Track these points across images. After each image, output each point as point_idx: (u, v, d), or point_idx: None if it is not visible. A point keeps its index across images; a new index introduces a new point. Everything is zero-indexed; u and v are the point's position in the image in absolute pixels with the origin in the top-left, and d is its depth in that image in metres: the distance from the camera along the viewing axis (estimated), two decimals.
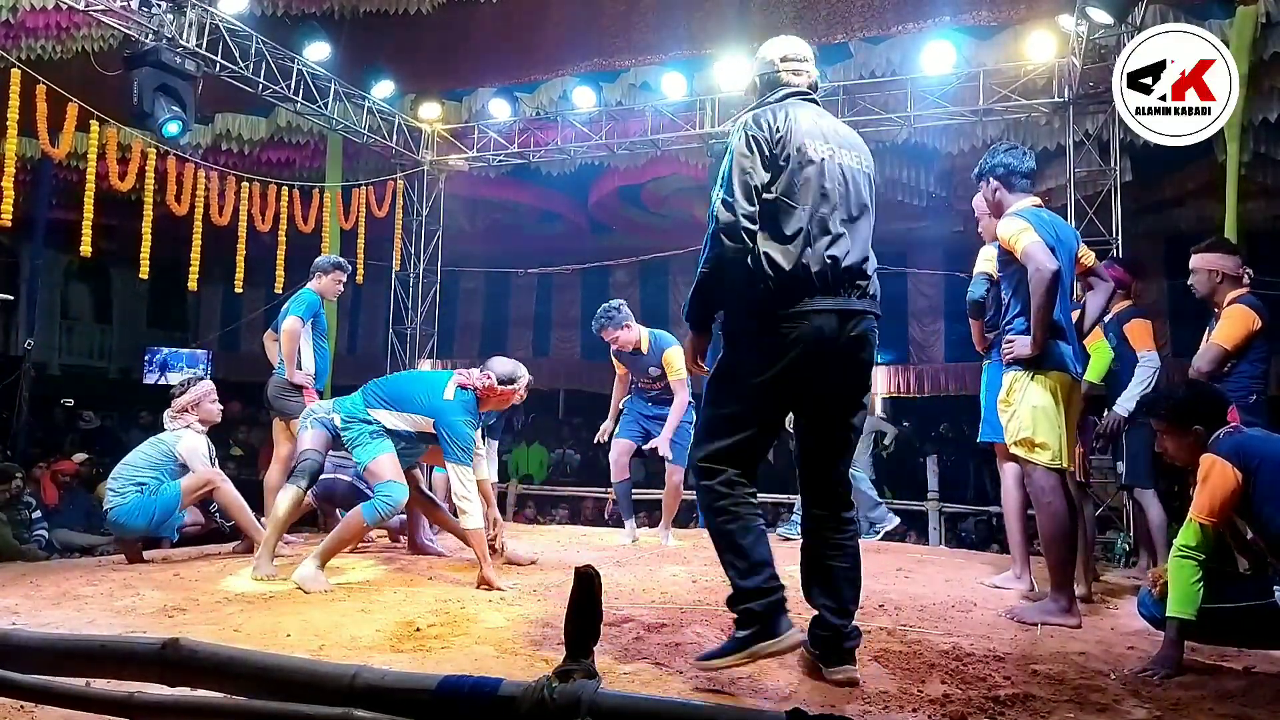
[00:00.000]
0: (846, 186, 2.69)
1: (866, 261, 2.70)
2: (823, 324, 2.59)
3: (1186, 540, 2.84)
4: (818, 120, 2.75)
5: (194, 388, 5.11)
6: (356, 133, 8.55)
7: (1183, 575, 2.81)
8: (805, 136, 2.66)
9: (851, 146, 2.78)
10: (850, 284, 2.63)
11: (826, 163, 2.66)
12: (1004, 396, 3.65)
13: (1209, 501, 2.84)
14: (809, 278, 2.58)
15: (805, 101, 2.82)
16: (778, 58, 2.89)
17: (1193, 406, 3.04)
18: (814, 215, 2.62)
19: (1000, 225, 3.61)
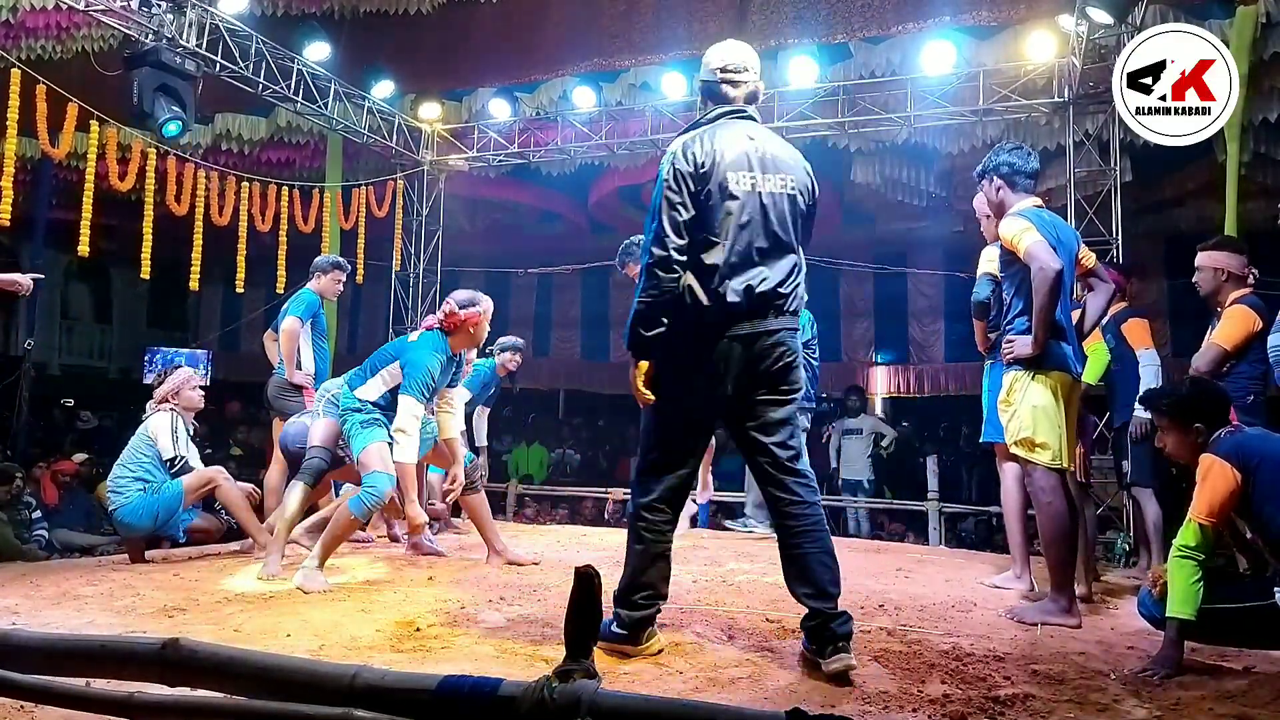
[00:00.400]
0: (766, 215, 2.81)
1: (784, 283, 2.84)
2: (742, 346, 2.78)
3: (1186, 540, 2.84)
4: (746, 145, 2.84)
5: (171, 377, 5.12)
6: (356, 133, 8.55)
7: (1182, 575, 2.80)
8: (729, 170, 2.77)
9: (779, 169, 2.88)
10: (767, 307, 2.79)
11: (747, 197, 2.79)
12: (1004, 396, 3.65)
13: (1208, 502, 2.83)
14: (729, 308, 2.75)
15: (739, 119, 2.91)
16: (717, 67, 2.96)
17: (1196, 404, 3.02)
18: (733, 248, 2.76)
19: (1002, 225, 3.60)
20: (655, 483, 2.88)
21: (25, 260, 12.93)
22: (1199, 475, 2.88)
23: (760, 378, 2.82)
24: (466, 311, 4.23)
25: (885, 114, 7.98)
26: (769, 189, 2.83)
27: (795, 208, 2.89)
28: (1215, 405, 3.02)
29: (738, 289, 2.75)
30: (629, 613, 2.85)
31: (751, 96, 2.98)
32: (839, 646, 2.67)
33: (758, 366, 2.80)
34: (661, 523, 2.90)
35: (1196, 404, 3.03)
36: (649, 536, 2.88)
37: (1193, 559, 2.81)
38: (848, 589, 4.09)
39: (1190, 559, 2.81)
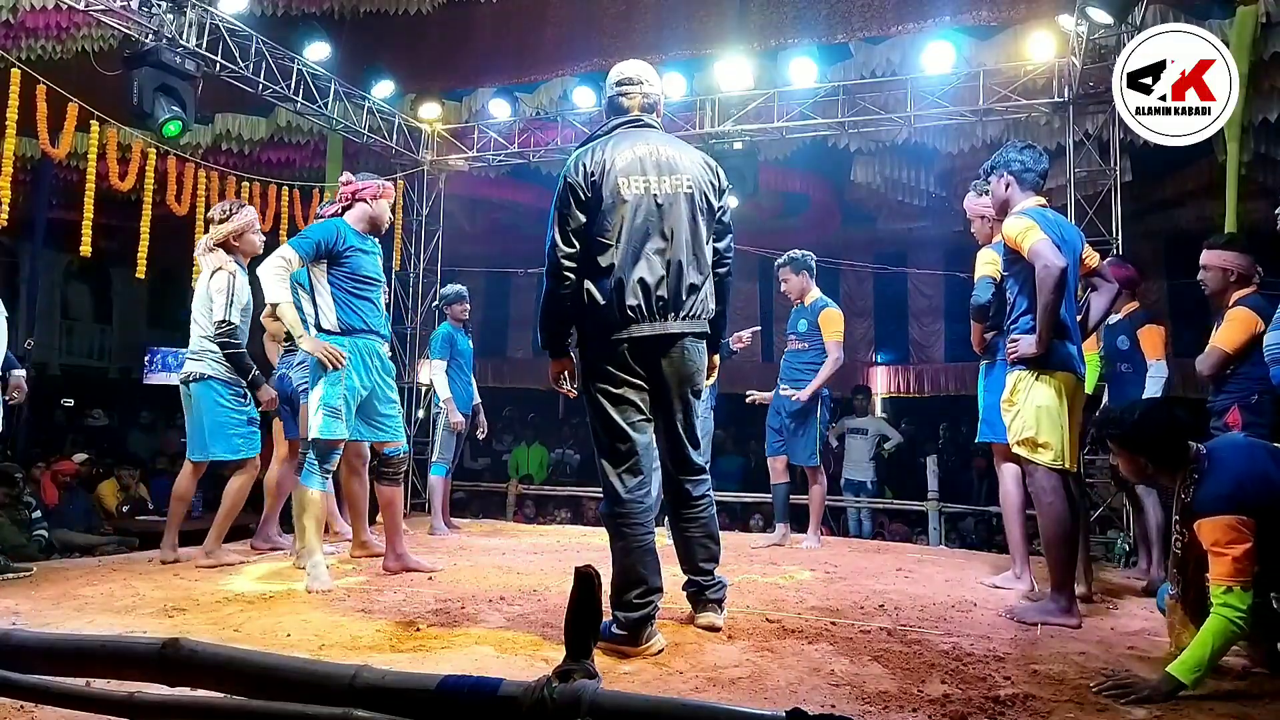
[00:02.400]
0: (661, 216, 2.94)
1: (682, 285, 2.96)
2: (643, 347, 2.93)
3: (1239, 605, 2.56)
4: (641, 150, 2.97)
5: (237, 216, 4.62)
6: (356, 133, 8.55)
7: (1223, 644, 2.58)
8: (620, 175, 2.92)
9: (675, 171, 2.99)
10: (666, 308, 2.93)
11: (641, 199, 2.92)
12: (1008, 396, 3.64)
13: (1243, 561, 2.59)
14: (624, 307, 2.90)
15: (636, 128, 3.07)
16: (614, 81, 3.16)
17: (1139, 437, 2.87)
18: (626, 250, 2.91)
19: (1006, 224, 3.60)
20: (617, 478, 2.97)
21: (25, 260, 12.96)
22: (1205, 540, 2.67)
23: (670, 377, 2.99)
24: (364, 180, 4.23)
25: (885, 114, 7.97)
26: (665, 190, 2.95)
27: (694, 206, 3.00)
28: (1161, 439, 2.83)
29: (633, 289, 2.89)
30: (626, 614, 2.89)
31: (648, 106, 3.13)
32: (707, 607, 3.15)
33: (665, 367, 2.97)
34: (636, 514, 2.96)
35: (1142, 437, 2.87)
36: (627, 531, 2.95)
37: (1243, 631, 2.58)
38: (848, 589, 4.11)
39: (1242, 632, 2.58)
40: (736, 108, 8.24)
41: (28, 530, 6.77)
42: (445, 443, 6.21)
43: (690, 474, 3.13)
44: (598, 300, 2.93)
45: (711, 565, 3.16)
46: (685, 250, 2.98)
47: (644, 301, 2.91)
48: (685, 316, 2.98)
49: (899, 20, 7.74)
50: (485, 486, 10.50)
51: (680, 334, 2.97)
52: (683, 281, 2.96)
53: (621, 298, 2.90)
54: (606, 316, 2.92)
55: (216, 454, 4.52)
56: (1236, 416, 3.67)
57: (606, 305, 2.92)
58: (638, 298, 2.90)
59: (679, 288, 2.96)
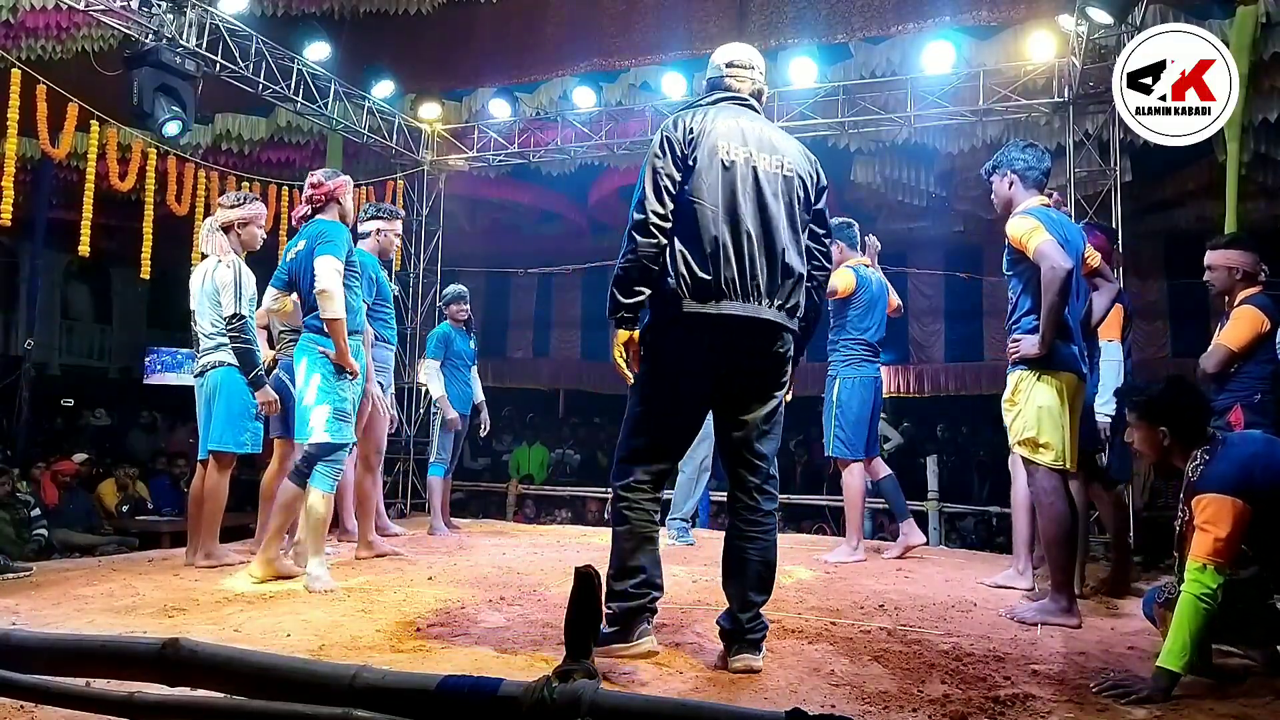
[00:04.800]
0: (759, 190, 2.71)
1: (777, 267, 2.71)
2: (730, 328, 2.66)
3: (1209, 584, 2.57)
4: (743, 124, 2.78)
5: (249, 204, 4.65)
6: (356, 133, 8.55)
7: (1197, 624, 2.58)
8: (720, 138, 2.70)
9: (776, 151, 2.79)
10: (759, 290, 2.68)
11: (742, 167, 2.70)
12: (1009, 396, 3.64)
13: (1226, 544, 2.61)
14: (718, 280, 2.64)
15: (741, 107, 2.86)
16: (724, 63, 2.96)
17: (1164, 406, 2.88)
18: (721, 216, 2.67)
19: (1011, 224, 3.59)
20: (637, 467, 2.76)
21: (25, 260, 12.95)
22: (1198, 515, 2.68)
23: (750, 370, 2.73)
24: (332, 179, 4.19)
25: (885, 114, 7.98)
26: (764, 166, 2.74)
27: (793, 190, 2.78)
28: (1185, 410, 2.86)
29: (728, 260, 2.65)
30: (620, 604, 2.70)
31: (756, 94, 2.94)
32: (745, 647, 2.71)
33: (751, 356, 2.71)
34: (645, 500, 2.75)
35: (1165, 406, 2.88)
36: (632, 516, 2.74)
37: (1212, 610, 2.58)
38: (848, 589, 4.11)
39: (1211, 610, 2.58)
40: None
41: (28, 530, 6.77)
42: (443, 443, 6.20)
43: (759, 483, 2.78)
44: (685, 265, 2.65)
45: (761, 599, 2.76)
46: (785, 232, 2.72)
47: (738, 276, 2.64)
48: (781, 306, 2.71)
49: (899, 20, 7.73)
50: (485, 486, 10.51)
51: (774, 323, 2.70)
52: (779, 263, 2.70)
53: (715, 266, 2.63)
54: (692, 284, 2.65)
55: (227, 445, 4.47)
56: (1239, 415, 3.67)
57: (693, 272, 2.64)
58: (732, 270, 2.63)
59: (775, 270, 2.69)
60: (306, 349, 3.99)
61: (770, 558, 2.78)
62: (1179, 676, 2.57)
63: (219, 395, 4.45)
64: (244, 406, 4.44)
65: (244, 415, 4.45)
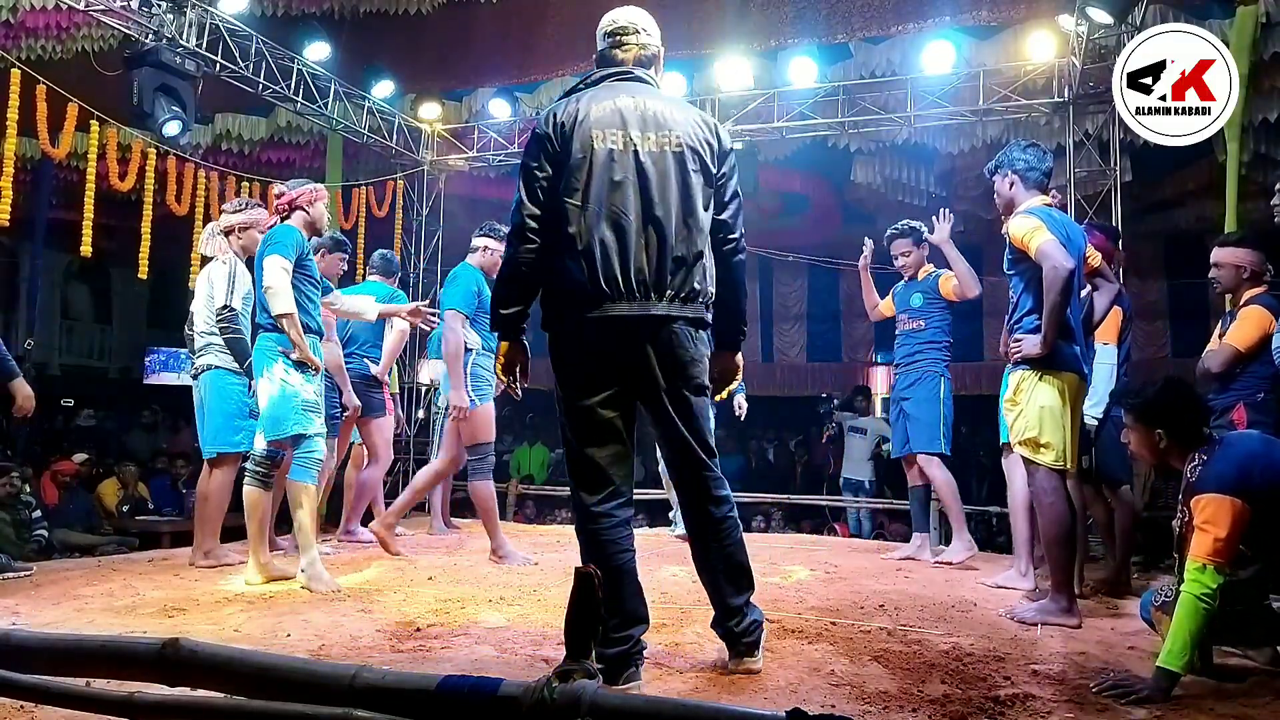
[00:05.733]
0: (642, 177, 2.50)
1: (666, 258, 2.49)
2: (622, 331, 2.48)
3: (1209, 584, 2.57)
4: (622, 102, 2.55)
5: (251, 210, 4.75)
6: (356, 133, 8.55)
7: (1196, 624, 2.58)
8: (594, 127, 2.50)
9: (661, 126, 2.55)
10: (647, 285, 2.48)
11: (618, 154, 2.49)
12: (1011, 395, 3.64)
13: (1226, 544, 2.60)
14: (603, 282, 2.45)
15: (623, 83, 2.63)
16: (605, 33, 2.73)
17: (1160, 408, 2.88)
18: (597, 212, 2.47)
19: (1013, 223, 3.59)
20: (583, 487, 2.56)
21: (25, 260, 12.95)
22: (1197, 516, 2.68)
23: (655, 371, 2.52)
24: (296, 188, 4.30)
25: (885, 114, 7.98)
26: (648, 147, 2.52)
27: (685, 166, 2.55)
28: (1181, 412, 2.85)
29: (605, 259, 2.45)
30: (602, 649, 2.40)
31: (645, 60, 2.70)
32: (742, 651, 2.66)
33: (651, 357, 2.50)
34: (607, 529, 2.53)
35: (1160, 408, 2.87)
36: (596, 549, 2.53)
37: (1211, 610, 2.58)
38: (848, 589, 4.11)
39: (1210, 609, 2.57)
40: (736, 108, 8.23)
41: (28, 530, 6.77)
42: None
43: (703, 490, 2.61)
44: (564, 271, 2.48)
45: (741, 600, 2.64)
46: (674, 219, 2.51)
47: (620, 275, 2.45)
48: (673, 298, 2.50)
49: (899, 20, 7.74)
50: None
51: (666, 317, 2.49)
52: (668, 255, 2.49)
53: (591, 269, 2.45)
54: (574, 291, 2.47)
55: (221, 446, 4.49)
56: (1242, 414, 3.65)
57: (573, 277, 2.47)
58: (612, 270, 2.45)
59: (663, 262, 2.49)
60: (265, 348, 4.08)
61: (738, 558, 2.65)
62: (1179, 676, 2.57)
63: (210, 397, 4.50)
64: (236, 406, 4.47)
65: (237, 415, 4.48)
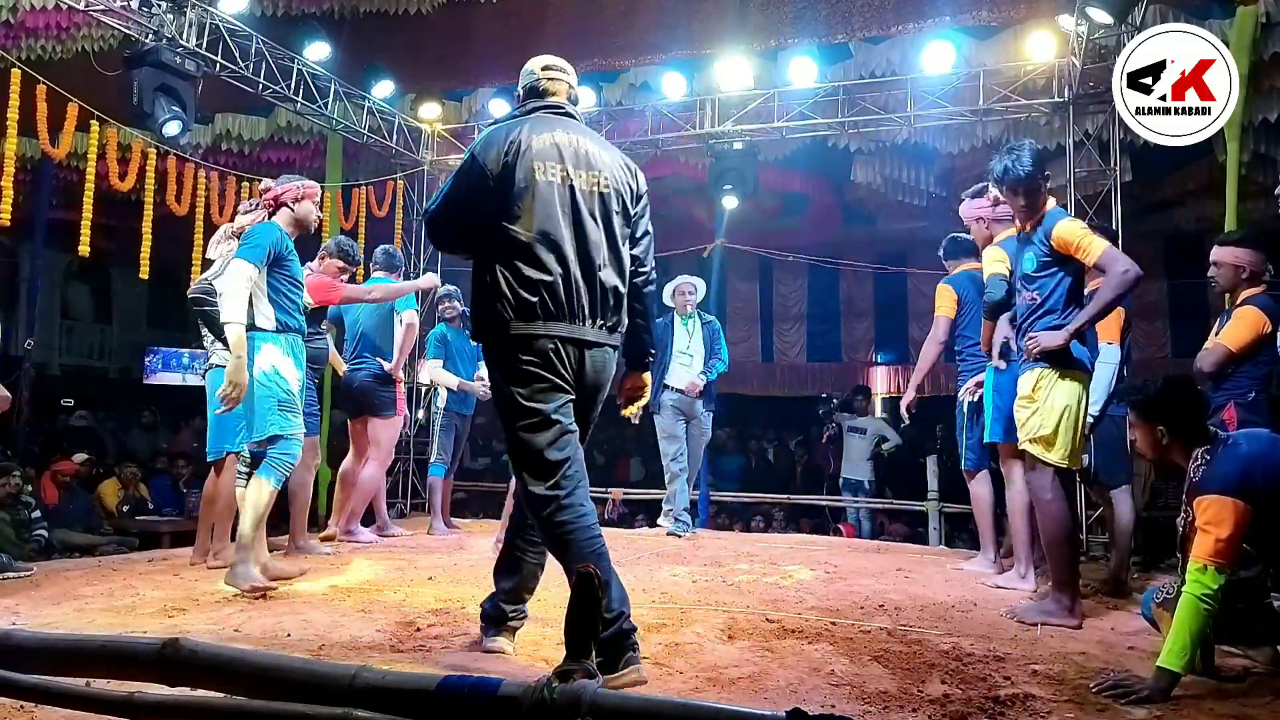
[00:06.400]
0: (576, 211, 2.70)
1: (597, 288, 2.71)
2: (554, 349, 2.65)
3: (1210, 585, 2.59)
4: (559, 137, 2.76)
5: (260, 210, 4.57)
6: (356, 133, 8.55)
7: (1197, 624, 2.59)
8: (536, 159, 2.69)
9: (592, 166, 2.78)
10: (583, 311, 2.69)
11: (557, 187, 2.69)
12: (1028, 393, 3.61)
13: (1227, 545, 2.61)
14: (543, 302, 2.63)
15: (558, 116, 2.88)
16: (539, 67, 3.01)
17: (1161, 405, 2.89)
18: (542, 240, 2.65)
19: (1063, 226, 3.56)
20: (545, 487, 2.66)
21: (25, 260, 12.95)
22: (1199, 516, 2.69)
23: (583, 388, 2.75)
24: (284, 184, 4.19)
25: (885, 114, 7.97)
26: (581, 184, 2.73)
27: (609, 206, 2.78)
28: (1183, 409, 2.87)
29: (551, 285, 2.63)
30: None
31: (573, 98, 3.00)
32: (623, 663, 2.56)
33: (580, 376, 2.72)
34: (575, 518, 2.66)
35: (1163, 405, 2.89)
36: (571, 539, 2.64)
37: (1213, 610, 2.59)
38: (848, 589, 4.11)
39: (1211, 610, 2.59)
40: (736, 108, 8.23)
41: (28, 530, 6.77)
42: (444, 443, 6.20)
43: None
44: (509, 288, 2.64)
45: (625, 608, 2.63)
46: (603, 251, 2.74)
47: (563, 298, 2.65)
48: (602, 326, 2.74)
49: (899, 20, 7.74)
50: (485, 486, 10.49)
51: (596, 343, 2.73)
52: (598, 285, 2.71)
53: (538, 289, 2.63)
54: (516, 305, 2.63)
55: (223, 447, 4.48)
56: (1233, 414, 3.66)
57: (517, 294, 2.63)
58: (557, 292, 2.64)
59: (595, 291, 2.71)
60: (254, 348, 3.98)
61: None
62: (1179, 676, 2.57)
63: (210, 398, 4.48)
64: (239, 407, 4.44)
65: (235, 415, 4.46)
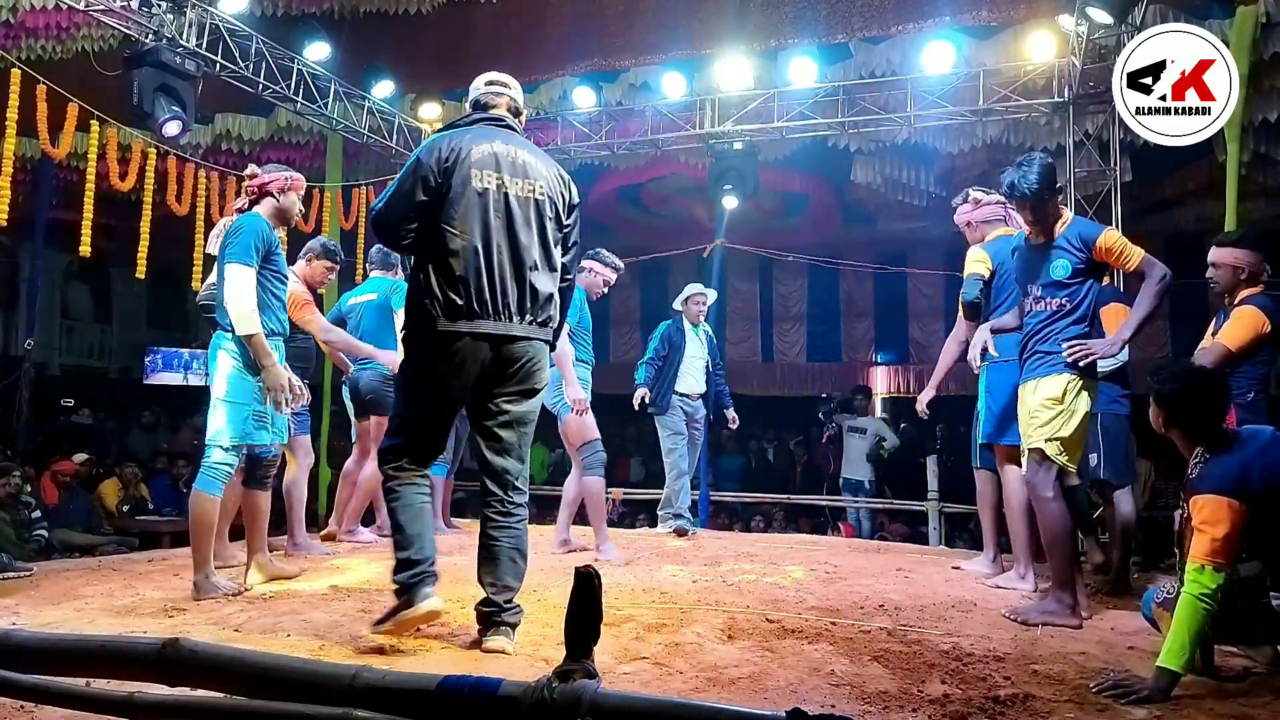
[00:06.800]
0: (510, 217, 2.93)
1: (526, 287, 2.94)
2: (479, 345, 2.89)
3: (1208, 585, 2.59)
4: (497, 147, 2.98)
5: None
6: (356, 133, 8.55)
7: (1196, 624, 2.59)
8: (474, 166, 2.91)
9: (528, 175, 3.00)
10: (510, 309, 2.92)
11: (493, 194, 2.91)
12: (1058, 396, 3.59)
13: (1224, 545, 2.61)
14: (470, 302, 2.86)
15: (497, 128, 3.08)
16: (484, 82, 3.21)
17: (1174, 394, 2.87)
18: (474, 243, 2.87)
19: (1109, 235, 3.62)
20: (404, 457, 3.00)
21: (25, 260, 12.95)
22: (1195, 516, 2.68)
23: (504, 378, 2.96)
24: (271, 173, 4.00)
25: (885, 114, 7.98)
26: (516, 192, 2.95)
27: (543, 213, 3.01)
28: (1192, 404, 2.84)
29: (479, 284, 2.86)
30: (407, 573, 2.92)
31: (514, 110, 3.19)
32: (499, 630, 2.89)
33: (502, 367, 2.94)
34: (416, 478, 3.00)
35: (1175, 393, 2.87)
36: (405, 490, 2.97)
37: (1211, 610, 2.59)
38: (848, 589, 4.11)
39: (1210, 610, 2.58)
40: (736, 108, 8.23)
41: (28, 530, 6.77)
42: None
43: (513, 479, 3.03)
44: (439, 288, 2.87)
45: (516, 585, 2.99)
46: (535, 254, 2.97)
47: (489, 298, 2.88)
48: (531, 321, 2.97)
49: (899, 20, 7.74)
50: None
51: (525, 337, 2.96)
52: (528, 286, 2.94)
53: (468, 289, 2.86)
54: (445, 304, 2.86)
55: None
56: (1232, 414, 3.67)
57: (446, 294, 2.86)
58: (485, 293, 2.87)
59: (524, 291, 2.94)
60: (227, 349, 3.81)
61: (522, 547, 3.03)
62: (1179, 676, 2.57)
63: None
64: None
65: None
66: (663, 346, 6.20)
